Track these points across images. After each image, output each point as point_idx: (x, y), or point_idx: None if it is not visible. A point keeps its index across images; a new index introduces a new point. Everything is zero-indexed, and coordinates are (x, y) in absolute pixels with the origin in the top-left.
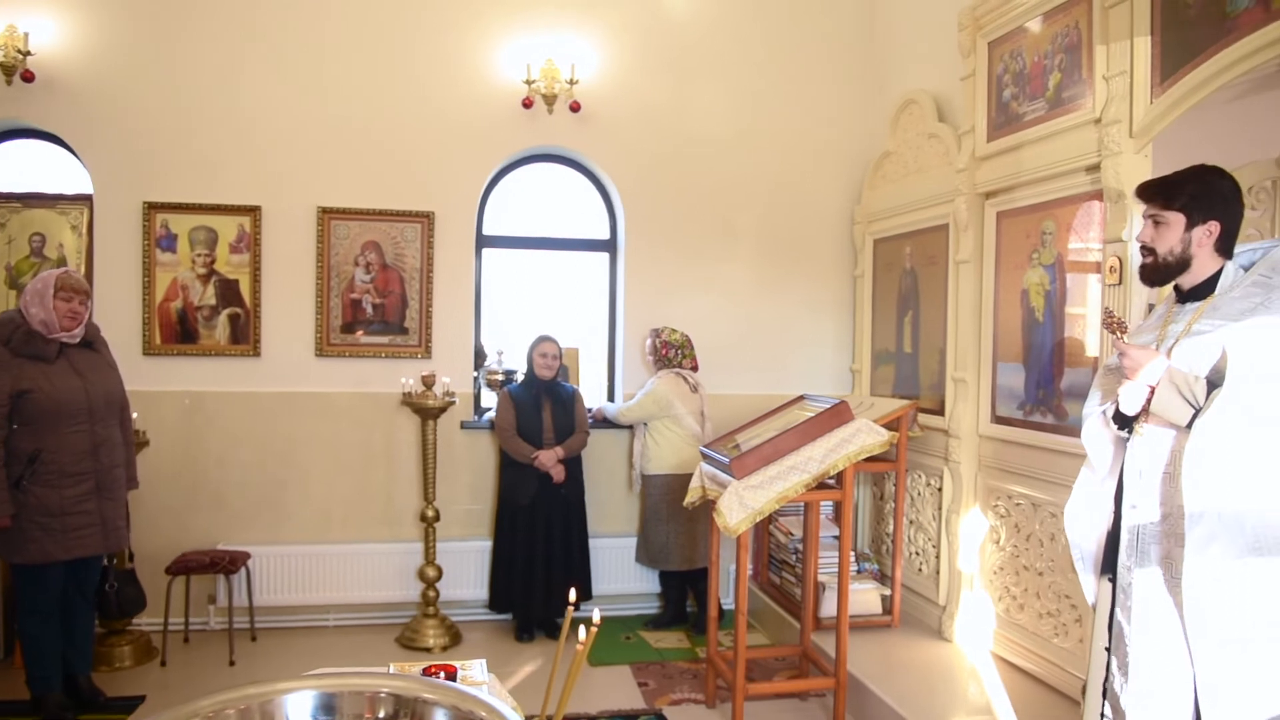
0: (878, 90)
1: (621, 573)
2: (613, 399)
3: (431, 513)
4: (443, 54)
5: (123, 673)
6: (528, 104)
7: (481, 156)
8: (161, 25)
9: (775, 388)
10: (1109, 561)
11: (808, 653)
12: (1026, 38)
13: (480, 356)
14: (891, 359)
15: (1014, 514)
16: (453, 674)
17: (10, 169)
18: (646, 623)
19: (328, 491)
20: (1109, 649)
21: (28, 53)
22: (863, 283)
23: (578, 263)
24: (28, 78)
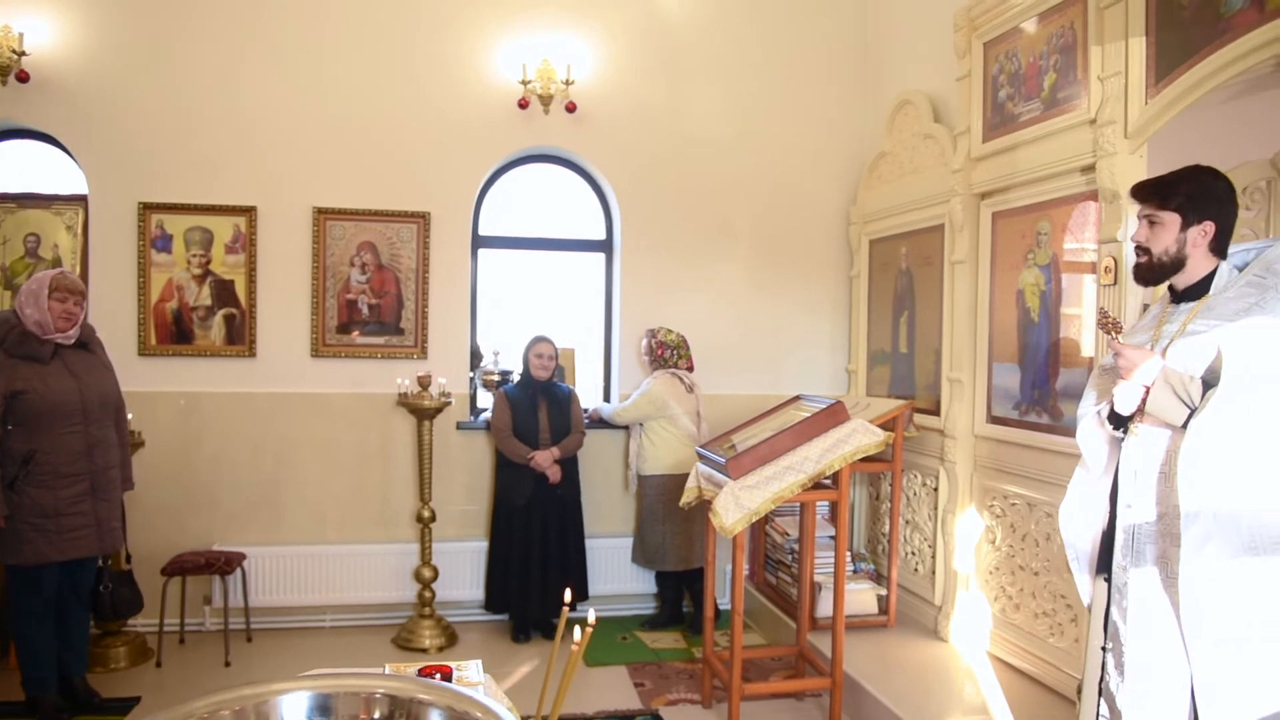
0: (873, 91)
1: (618, 573)
2: (609, 399)
3: (427, 513)
4: (438, 54)
5: (118, 674)
6: (523, 104)
7: (477, 157)
8: (157, 26)
9: (771, 388)
10: (1104, 561)
11: (804, 653)
12: (1022, 38)
13: (476, 357)
14: (887, 359)
15: (1009, 514)
16: (448, 675)
17: (5, 169)
18: (643, 623)
19: (323, 492)
20: (1106, 648)
21: (23, 53)
22: (858, 283)
23: (574, 263)
24: (23, 78)
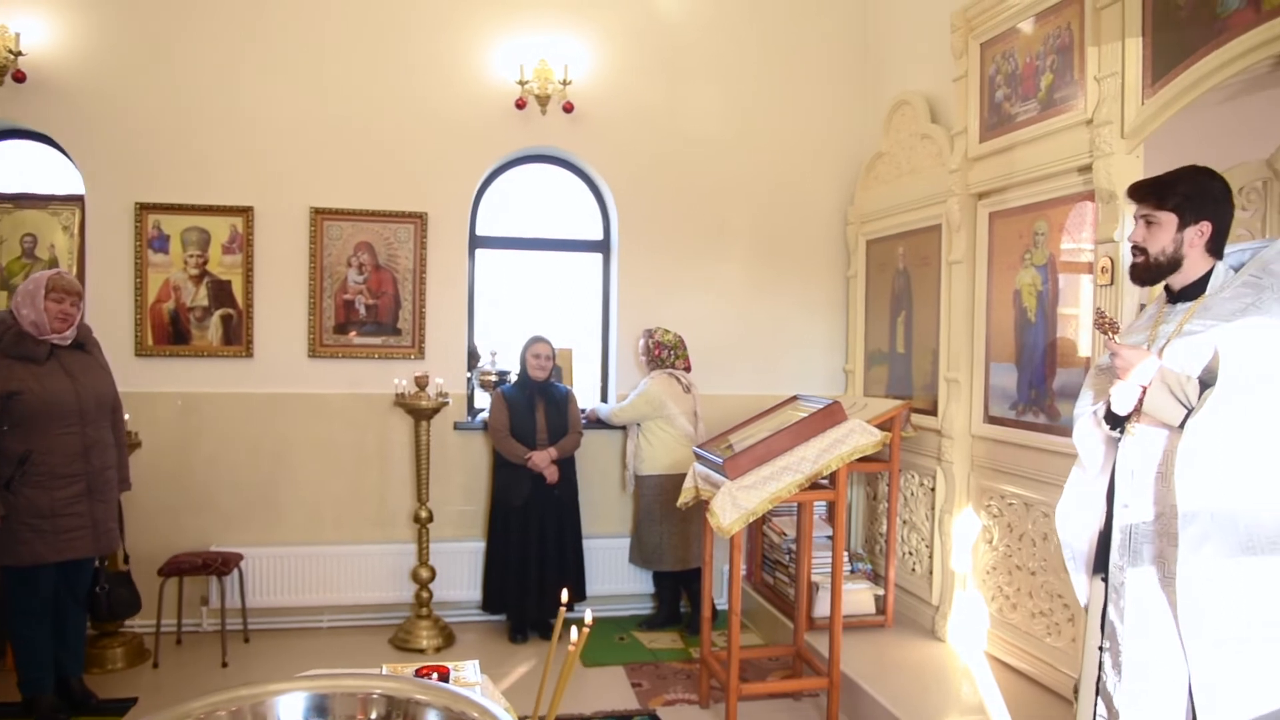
0: (871, 91)
1: (615, 573)
2: (606, 400)
3: (425, 514)
4: (435, 54)
5: (115, 674)
6: (521, 105)
7: (474, 157)
8: (154, 26)
9: (768, 388)
10: (1101, 561)
11: (801, 653)
12: (1018, 39)
13: (473, 357)
14: (885, 359)
15: (1007, 514)
16: (445, 675)
17: (2, 169)
18: (640, 623)
19: (320, 492)
20: (1103, 648)
21: (19, 53)
22: (856, 283)
23: (571, 263)
24: (19, 78)
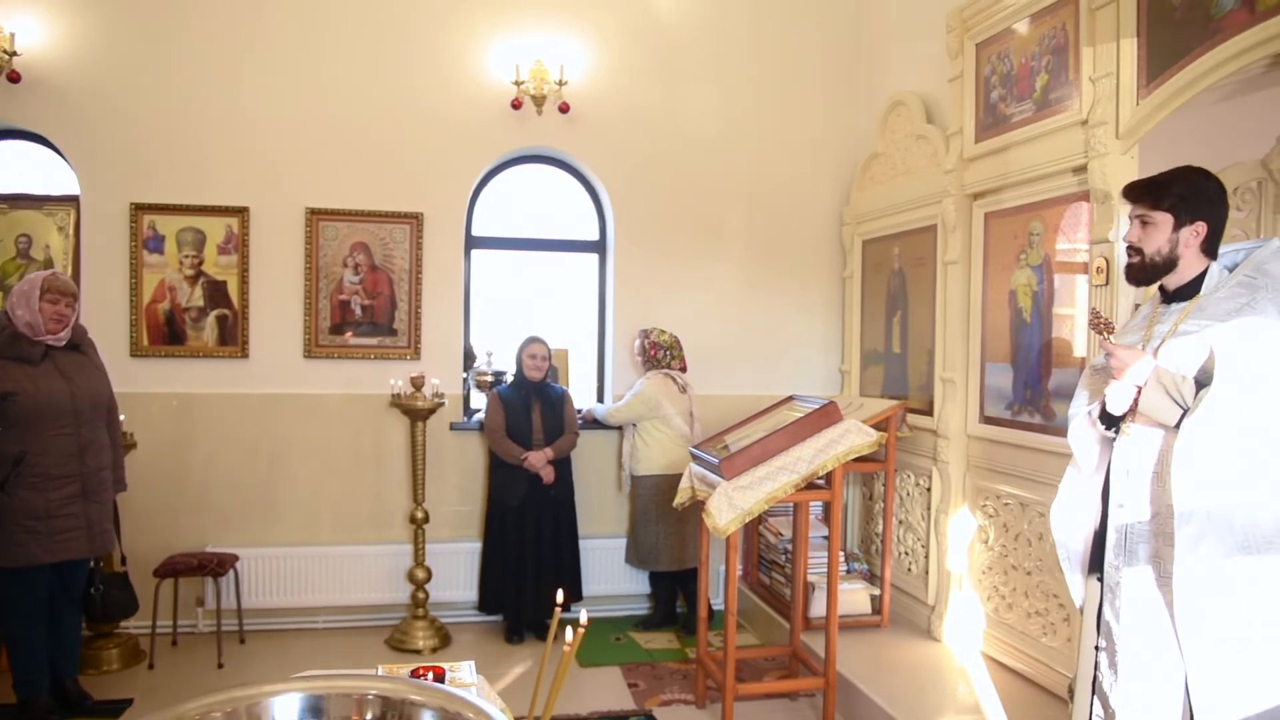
0: (866, 92)
1: (611, 574)
2: (602, 400)
3: (421, 514)
4: (431, 55)
5: (110, 676)
6: (516, 105)
7: (470, 157)
8: (149, 26)
9: (764, 388)
10: (1096, 560)
11: (797, 653)
12: (1014, 39)
13: (469, 358)
14: (880, 359)
15: (1002, 514)
16: (441, 676)
17: None
18: (636, 624)
19: (316, 493)
20: (1099, 648)
21: (14, 53)
22: (851, 283)
23: (567, 264)
24: (14, 78)
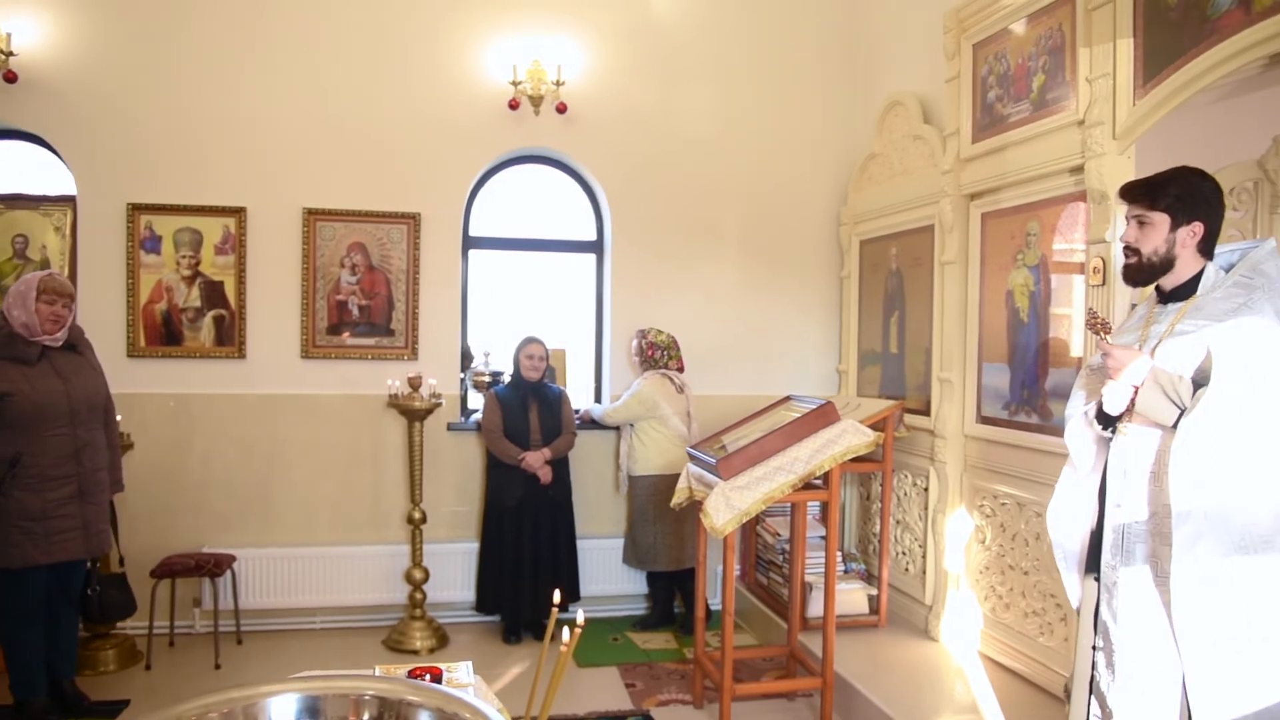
0: (863, 92)
1: (609, 574)
2: (600, 400)
3: (418, 514)
4: (429, 55)
5: (107, 677)
6: (514, 105)
7: (468, 158)
8: (146, 26)
9: (762, 389)
10: (1093, 560)
11: (795, 653)
12: (1011, 40)
13: (467, 358)
14: (878, 360)
15: (999, 514)
16: (438, 676)
17: None
18: (634, 624)
19: (313, 494)
20: (1097, 647)
21: (10, 53)
22: (849, 284)
23: (564, 264)
24: (10, 78)
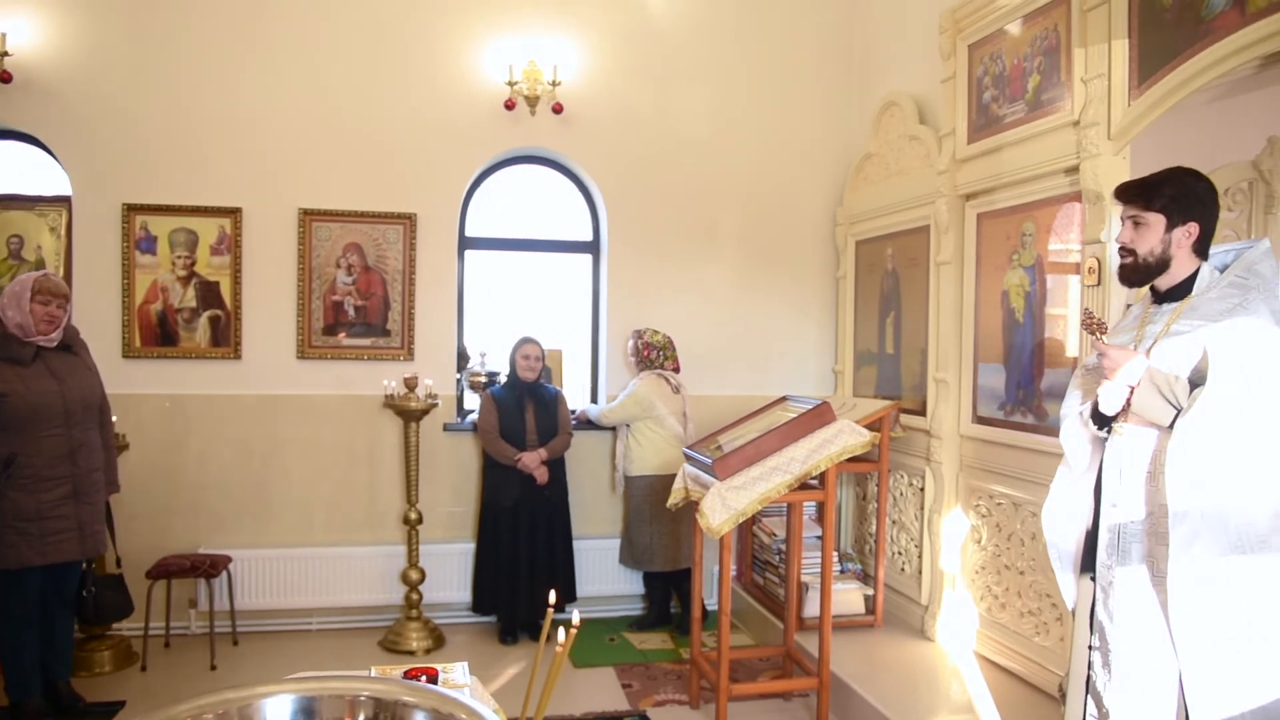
0: (859, 92)
1: (605, 574)
2: (596, 400)
3: (414, 515)
4: (425, 55)
5: (102, 678)
6: (510, 105)
7: (464, 158)
8: (142, 26)
9: (758, 389)
10: (1089, 560)
11: (791, 653)
12: (1006, 40)
13: (463, 358)
14: (874, 360)
15: (995, 513)
16: (434, 677)
17: None
18: (631, 624)
19: (309, 494)
20: (1093, 647)
21: (5, 53)
22: (845, 284)
23: (560, 264)
24: (5, 78)
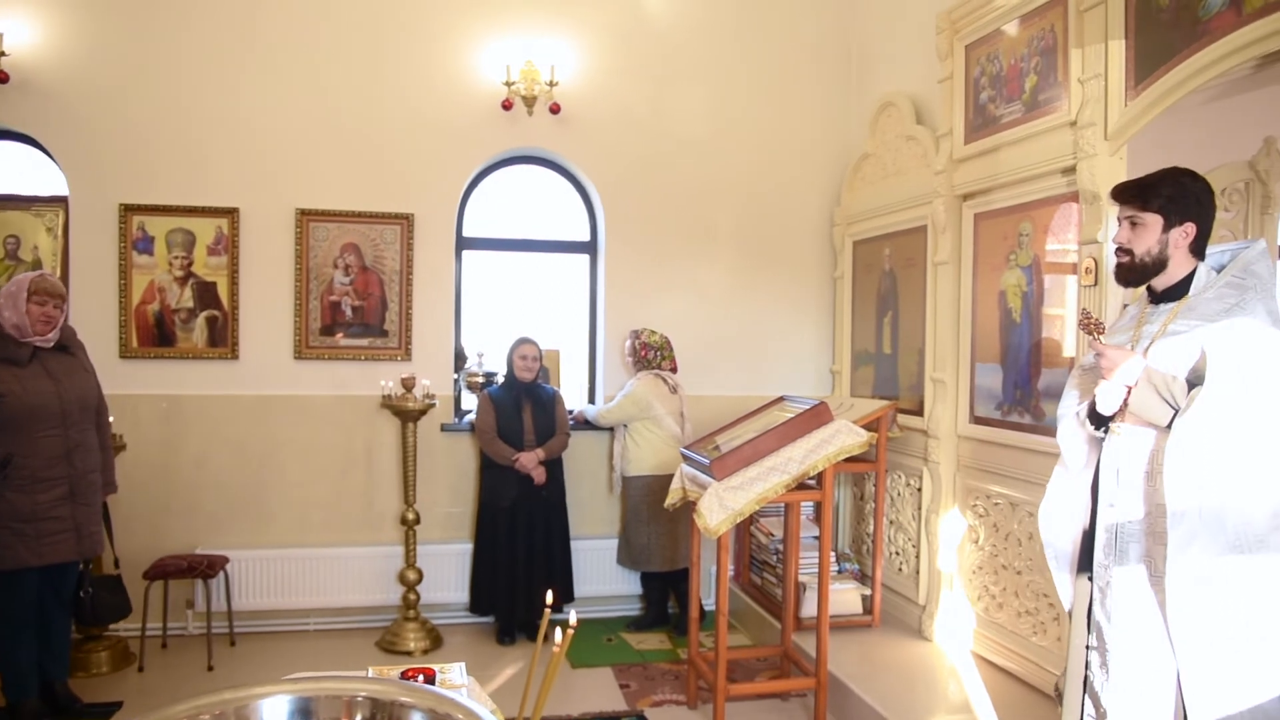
0: (856, 92)
1: (603, 574)
2: (593, 401)
3: (412, 515)
4: (422, 55)
5: (100, 679)
6: (507, 106)
7: (461, 158)
8: (140, 26)
9: (755, 389)
10: (1086, 560)
11: (789, 653)
12: (1003, 41)
13: (460, 359)
14: (871, 360)
15: (992, 513)
16: (431, 677)
17: None
18: (628, 624)
19: (307, 495)
20: (1090, 647)
21: (2, 53)
22: (842, 284)
23: (558, 265)
24: (2, 79)
